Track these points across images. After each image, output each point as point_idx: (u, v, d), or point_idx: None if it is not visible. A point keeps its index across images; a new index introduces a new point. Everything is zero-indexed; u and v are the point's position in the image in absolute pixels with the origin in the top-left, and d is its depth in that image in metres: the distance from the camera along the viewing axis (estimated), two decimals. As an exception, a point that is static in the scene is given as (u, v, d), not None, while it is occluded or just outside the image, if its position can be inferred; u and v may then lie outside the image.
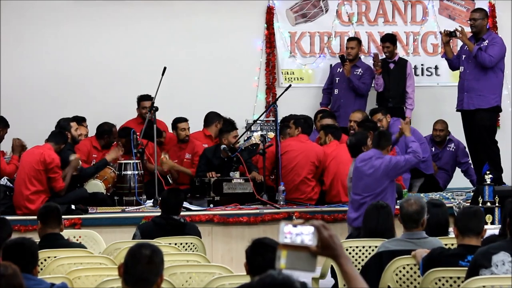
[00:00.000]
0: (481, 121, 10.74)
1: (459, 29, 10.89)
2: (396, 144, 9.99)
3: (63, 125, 10.30)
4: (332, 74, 12.10)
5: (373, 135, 9.07)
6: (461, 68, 10.96)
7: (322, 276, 7.29)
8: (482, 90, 10.73)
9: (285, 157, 10.32)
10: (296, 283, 2.95)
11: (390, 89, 11.77)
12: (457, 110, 11.02)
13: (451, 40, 11.11)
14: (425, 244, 6.26)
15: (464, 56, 10.91)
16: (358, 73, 11.79)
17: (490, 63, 10.64)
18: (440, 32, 11.42)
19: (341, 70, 11.88)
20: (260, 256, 4.61)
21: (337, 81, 11.94)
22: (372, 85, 11.87)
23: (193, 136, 11.22)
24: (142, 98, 11.28)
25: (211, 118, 11.32)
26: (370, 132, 9.55)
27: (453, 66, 11.21)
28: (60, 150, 9.83)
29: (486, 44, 10.73)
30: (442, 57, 11.49)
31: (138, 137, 10.41)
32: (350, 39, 12.07)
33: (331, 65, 12.34)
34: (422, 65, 12.64)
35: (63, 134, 10.05)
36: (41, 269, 6.13)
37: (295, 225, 3.11)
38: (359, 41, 12.06)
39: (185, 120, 11.09)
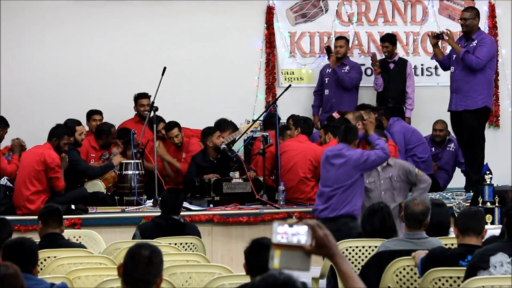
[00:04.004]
0: (467, 122, 10.69)
1: (446, 32, 10.83)
2: (363, 140, 9.42)
3: (69, 127, 10.29)
4: (322, 75, 12.10)
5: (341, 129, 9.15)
6: (452, 69, 10.91)
7: (322, 276, 7.29)
8: (469, 91, 10.65)
9: (283, 157, 10.33)
10: (298, 283, 2.95)
11: (390, 89, 11.77)
12: (448, 111, 11.01)
13: (439, 42, 11.06)
14: (425, 244, 6.25)
15: (454, 56, 10.84)
16: (345, 71, 11.78)
17: (478, 65, 10.55)
18: (428, 35, 11.37)
19: (329, 70, 11.88)
20: (259, 256, 4.61)
21: (326, 82, 11.94)
22: (372, 85, 11.89)
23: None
24: (139, 96, 11.28)
25: (226, 125, 11.10)
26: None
27: (444, 66, 11.18)
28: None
29: (475, 44, 10.64)
30: (431, 58, 11.49)
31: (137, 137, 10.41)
32: (338, 38, 12.08)
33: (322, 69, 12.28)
34: (422, 65, 12.64)
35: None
36: (41, 269, 6.13)
37: (291, 225, 3.08)
38: (347, 40, 12.06)
39: (173, 127, 11.01)
